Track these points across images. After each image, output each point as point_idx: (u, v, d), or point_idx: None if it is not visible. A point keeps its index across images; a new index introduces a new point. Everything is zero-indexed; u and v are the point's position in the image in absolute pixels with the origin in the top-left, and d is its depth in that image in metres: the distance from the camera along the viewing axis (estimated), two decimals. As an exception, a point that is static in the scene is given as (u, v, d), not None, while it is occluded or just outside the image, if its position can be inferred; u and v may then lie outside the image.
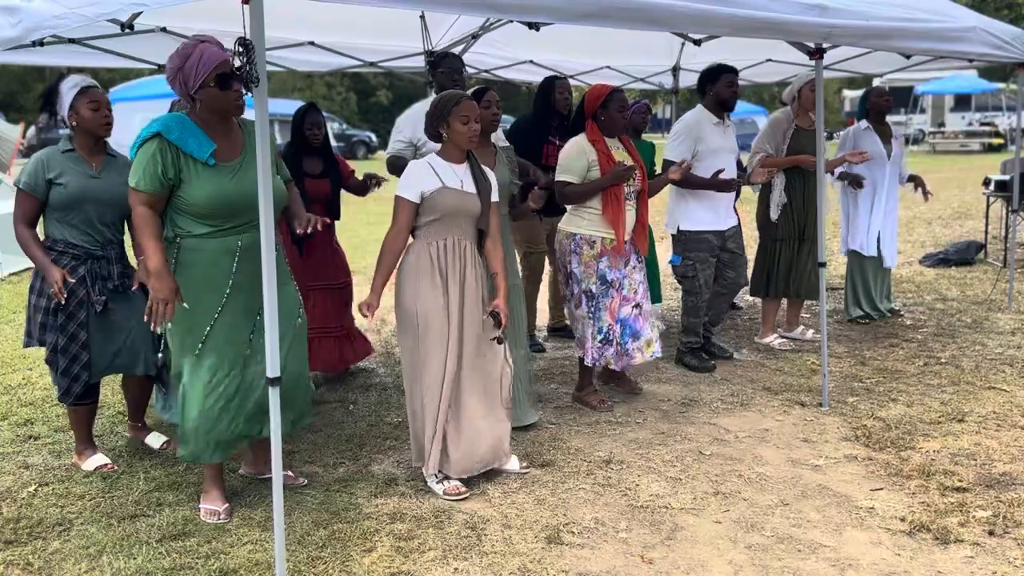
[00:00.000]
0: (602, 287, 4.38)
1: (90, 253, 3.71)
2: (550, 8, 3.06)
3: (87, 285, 3.68)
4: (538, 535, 3.19)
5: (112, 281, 3.75)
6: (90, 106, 3.65)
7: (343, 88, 41.25)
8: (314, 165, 4.84)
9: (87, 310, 3.69)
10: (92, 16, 2.91)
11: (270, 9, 2.62)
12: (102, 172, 3.74)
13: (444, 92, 3.64)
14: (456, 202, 3.53)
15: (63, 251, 3.69)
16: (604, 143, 4.37)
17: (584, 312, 4.43)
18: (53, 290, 3.56)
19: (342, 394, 4.91)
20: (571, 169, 4.36)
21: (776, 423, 4.32)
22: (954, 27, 4.89)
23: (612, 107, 4.35)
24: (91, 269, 3.70)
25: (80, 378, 3.72)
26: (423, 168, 3.55)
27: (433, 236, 3.57)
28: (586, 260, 4.39)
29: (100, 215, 3.72)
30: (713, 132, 5.08)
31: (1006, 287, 6.87)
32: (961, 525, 3.19)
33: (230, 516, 3.36)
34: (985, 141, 26.60)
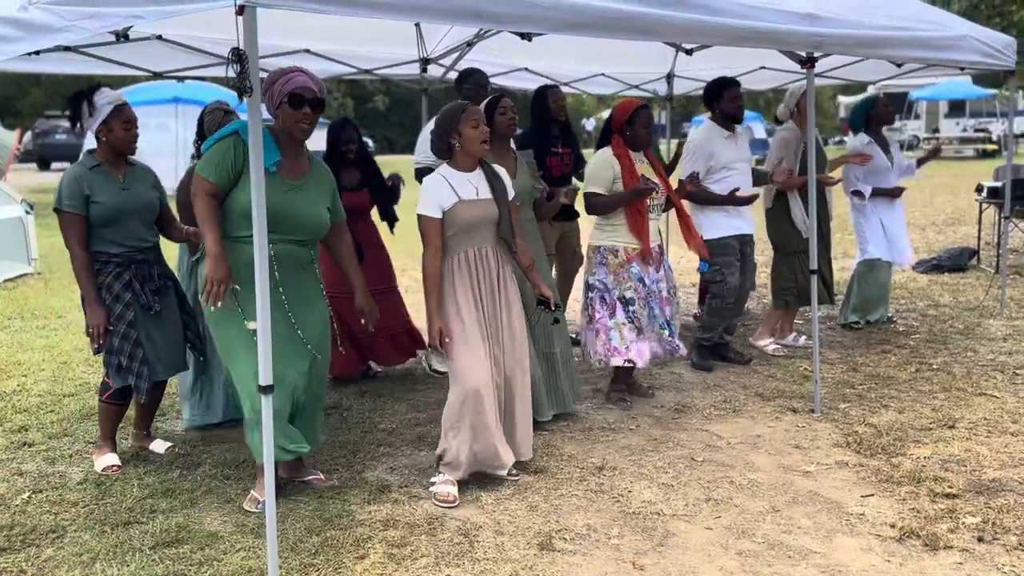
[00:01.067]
0: (643, 289, 4.51)
1: (131, 259, 3.82)
2: (541, 19, 3.09)
3: (133, 289, 3.79)
4: (530, 542, 3.20)
5: (154, 282, 3.88)
6: (124, 126, 3.76)
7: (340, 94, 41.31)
8: (351, 178, 4.96)
9: (135, 311, 3.79)
10: (94, 29, 2.93)
11: (265, 17, 2.64)
12: (129, 183, 3.83)
13: (446, 106, 3.67)
14: (474, 213, 3.58)
15: (106, 261, 3.78)
16: (629, 157, 4.50)
17: (622, 319, 4.49)
18: (93, 332, 3.70)
19: (337, 400, 4.92)
20: (598, 180, 4.50)
21: (768, 429, 4.35)
22: (945, 35, 4.94)
23: (637, 123, 4.50)
24: (136, 273, 3.82)
25: (143, 374, 3.81)
26: (439, 183, 3.58)
27: (456, 249, 3.62)
28: (614, 268, 4.51)
29: (134, 225, 3.82)
30: (725, 146, 5.17)
31: (998, 293, 6.91)
32: (951, 531, 3.21)
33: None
34: (979, 147, 26.71)
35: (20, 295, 8.13)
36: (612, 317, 4.51)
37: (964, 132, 28.09)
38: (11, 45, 3.21)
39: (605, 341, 4.52)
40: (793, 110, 5.65)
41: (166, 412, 4.79)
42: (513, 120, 4.22)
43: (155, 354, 3.84)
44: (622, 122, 4.52)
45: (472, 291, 3.61)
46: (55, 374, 5.53)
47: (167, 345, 3.89)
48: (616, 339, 4.50)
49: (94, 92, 3.76)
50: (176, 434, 4.45)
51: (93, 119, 3.73)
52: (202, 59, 5.66)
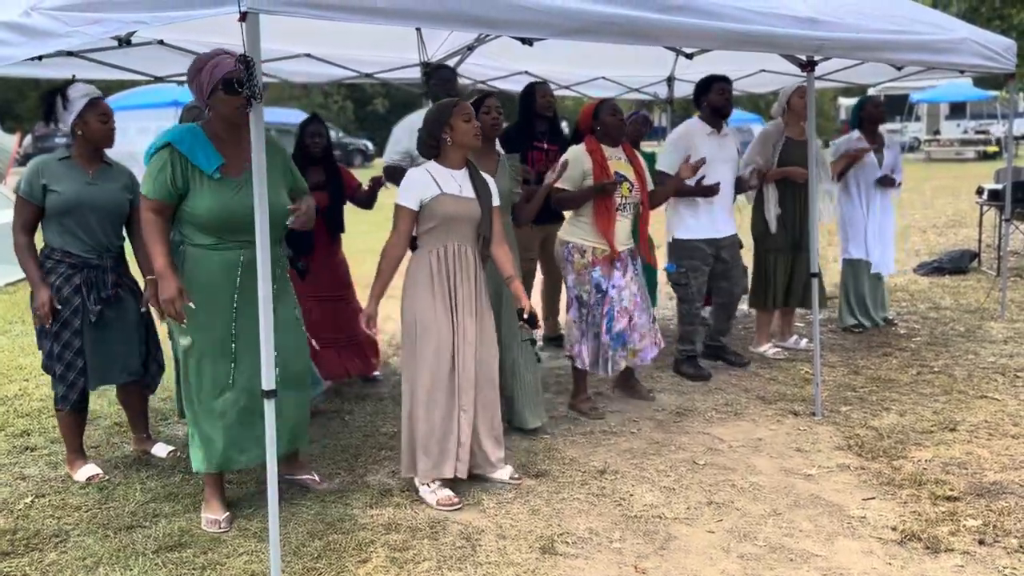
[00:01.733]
0: (597, 295, 4.43)
1: (86, 262, 3.74)
2: (542, 24, 3.10)
3: (82, 294, 3.72)
4: (532, 545, 3.21)
5: (106, 290, 3.79)
6: (100, 118, 3.72)
7: (340, 97, 41.33)
8: (316, 175, 4.85)
9: (82, 318, 3.72)
10: (97, 35, 2.94)
11: (266, 22, 2.65)
12: (98, 179, 3.78)
13: (437, 102, 3.67)
14: (455, 207, 3.56)
15: (60, 260, 3.72)
16: (601, 153, 4.42)
17: (574, 317, 4.49)
18: (39, 311, 3.63)
19: (338, 405, 4.93)
20: (566, 176, 4.41)
21: (769, 432, 4.35)
22: (945, 39, 4.95)
23: (603, 114, 4.44)
24: (87, 278, 3.74)
25: (77, 385, 3.75)
26: (422, 175, 3.57)
27: (434, 243, 3.59)
28: (578, 268, 4.45)
29: (97, 221, 3.75)
30: (706, 142, 5.12)
31: (999, 296, 6.91)
32: (952, 534, 3.22)
33: (230, 525, 3.38)
34: (980, 149, 26.72)
35: (21, 299, 8.14)
36: (567, 312, 4.53)
37: (965, 134, 28.11)
38: (13, 50, 3.23)
39: (569, 337, 4.54)
40: (784, 107, 5.66)
41: (168, 416, 4.80)
42: (497, 120, 4.16)
43: (95, 364, 3.76)
44: (589, 120, 4.46)
45: (447, 287, 3.58)
46: (57, 378, 5.53)
47: (109, 355, 3.80)
48: (568, 335, 4.53)
49: (67, 87, 3.72)
50: (178, 438, 4.45)
51: (68, 113, 3.69)
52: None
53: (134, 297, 3.91)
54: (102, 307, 3.76)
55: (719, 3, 3.64)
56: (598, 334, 4.47)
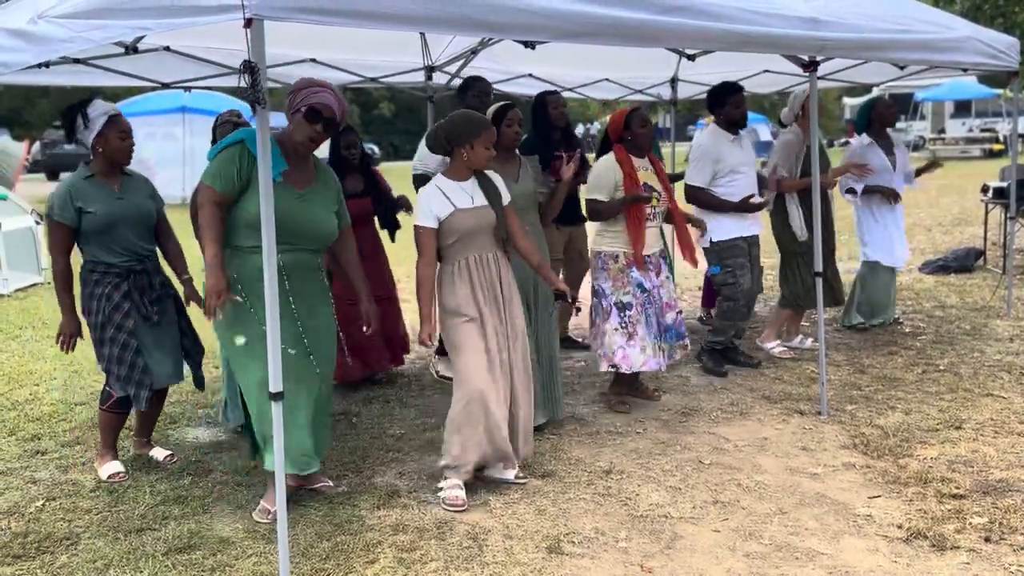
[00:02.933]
0: (643, 295, 4.52)
1: (130, 269, 3.85)
2: (544, 28, 3.12)
3: (132, 299, 3.83)
4: (539, 545, 3.23)
5: (155, 291, 3.91)
6: (120, 135, 3.80)
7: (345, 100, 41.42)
8: (354, 184, 5.02)
9: (135, 320, 3.82)
10: (99, 40, 2.97)
11: (271, 28, 2.68)
12: (125, 193, 3.86)
13: (468, 112, 3.69)
14: (471, 221, 3.62)
15: (105, 272, 3.82)
16: (631, 163, 4.52)
17: (615, 325, 4.52)
18: (62, 338, 3.79)
19: (346, 407, 4.96)
20: (599, 187, 4.53)
21: (775, 432, 4.36)
22: (947, 37, 4.96)
23: (634, 125, 4.53)
24: (134, 283, 3.85)
25: (144, 383, 3.84)
26: (433, 193, 3.63)
27: (456, 256, 3.66)
28: (614, 274, 4.53)
29: (131, 233, 3.84)
30: (730, 150, 5.20)
31: (1004, 294, 6.90)
32: (958, 532, 3.22)
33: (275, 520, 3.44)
34: (986, 147, 26.64)
35: (31, 305, 8.20)
36: (606, 322, 4.54)
37: (970, 132, 28.01)
38: (17, 56, 3.26)
39: (600, 345, 4.56)
40: (798, 113, 5.67)
41: (177, 420, 4.83)
42: (519, 133, 4.26)
43: (154, 363, 3.87)
44: (620, 130, 4.56)
45: (474, 296, 3.64)
46: (67, 383, 5.58)
47: (166, 354, 3.92)
48: (608, 344, 4.54)
49: (87, 104, 3.79)
50: (187, 441, 4.49)
51: (89, 131, 3.77)
52: (210, 69, 5.71)
53: (173, 301, 4.03)
54: (153, 307, 3.87)
55: (720, 4, 3.66)
56: (651, 331, 4.55)
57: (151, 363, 3.86)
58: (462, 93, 5.19)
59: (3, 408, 5.09)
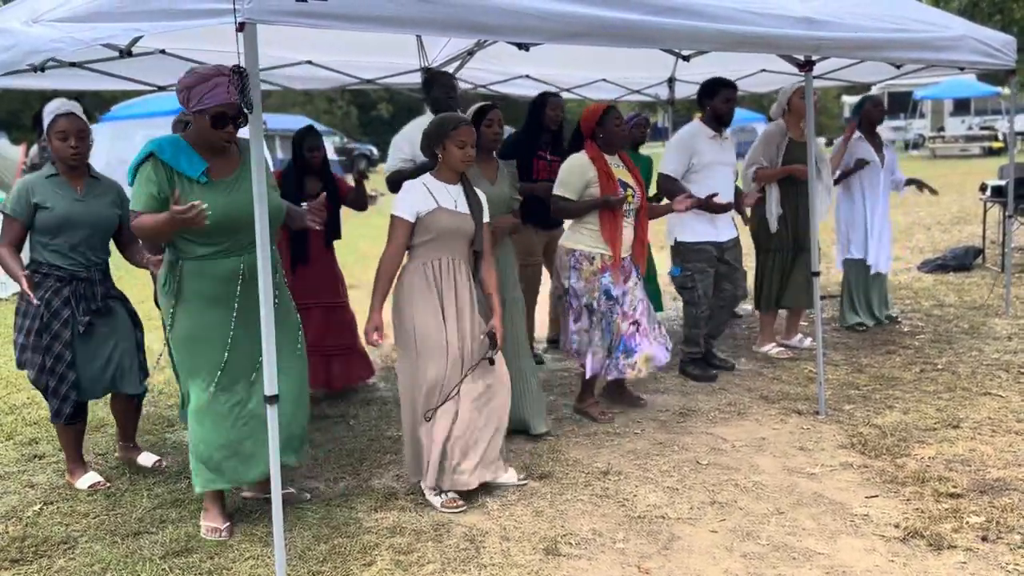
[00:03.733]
0: (608, 302, 4.41)
1: (74, 275, 3.75)
2: (538, 29, 3.12)
3: (71, 306, 3.73)
4: (536, 547, 3.23)
5: (96, 302, 3.79)
6: (57, 136, 3.68)
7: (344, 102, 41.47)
8: (313, 185, 4.94)
9: (72, 330, 3.73)
10: (88, 41, 2.97)
11: (268, 30, 2.68)
12: (86, 195, 3.77)
13: (444, 114, 3.69)
14: (451, 222, 3.59)
15: (47, 273, 3.73)
16: (604, 161, 4.40)
17: (584, 326, 4.46)
18: (27, 295, 3.57)
19: (343, 409, 4.96)
20: (568, 184, 4.40)
21: (773, 432, 4.36)
22: (944, 36, 4.95)
23: (609, 123, 4.39)
24: (75, 290, 3.75)
25: (69, 397, 3.75)
26: (418, 188, 3.61)
27: (428, 255, 3.62)
28: (586, 276, 4.41)
29: (85, 238, 3.75)
30: (708, 146, 5.13)
31: (1003, 292, 6.90)
32: (955, 531, 3.22)
33: (231, 533, 3.40)
34: (985, 145, 26.64)
35: (29, 308, 8.19)
36: (576, 322, 4.47)
37: (969, 130, 28.02)
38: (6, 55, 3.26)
39: (569, 343, 4.51)
40: (785, 107, 5.67)
41: (175, 423, 4.83)
42: (498, 134, 4.18)
43: (90, 374, 3.78)
44: (593, 125, 4.41)
45: (439, 300, 3.60)
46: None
47: (103, 364, 3.80)
48: (576, 343, 4.49)
49: (47, 104, 3.74)
50: (184, 444, 4.49)
51: (44, 131, 3.72)
52: (206, 72, 5.70)
53: (124, 307, 3.92)
54: (91, 318, 3.77)
55: (715, 4, 3.66)
56: (611, 340, 4.45)
57: (82, 376, 3.75)
58: (427, 88, 5.09)
59: (1, 412, 5.09)
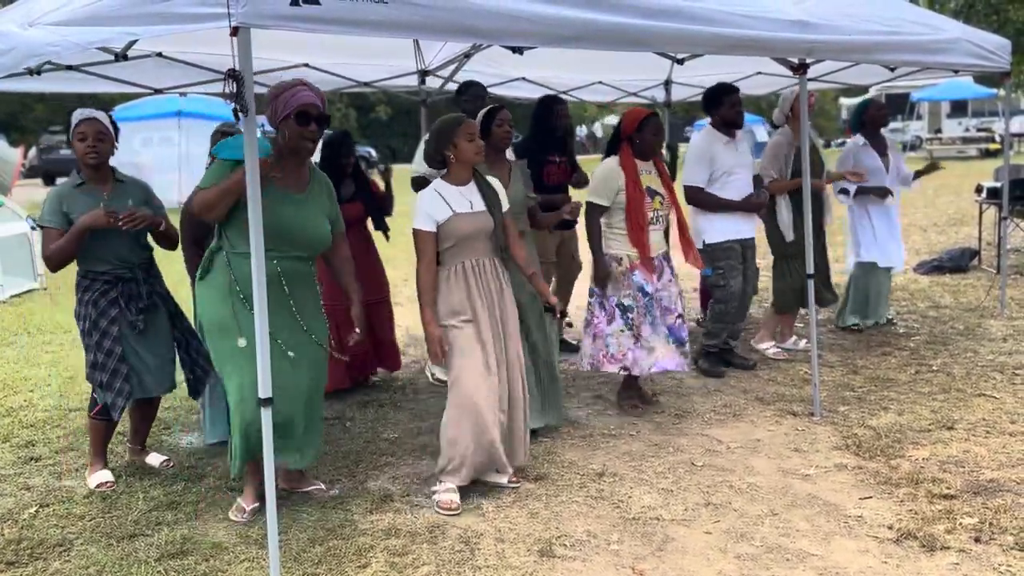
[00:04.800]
0: (644, 298, 4.51)
1: (119, 277, 3.83)
2: (533, 33, 3.14)
3: (120, 305, 3.81)
4: (531, 548, 3.24)
5: (143, 301, 3.88)
6: (77, 137, 3.78)
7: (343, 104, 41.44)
8: (345, 189, 5.06)
9: (120, 328, 3.81)
10: (85, 44, 2.98)
11: (264, 34, 2.69)
12: (113, 199, 3.83)
13: (441, 118, 3.72)
14: (469, 226, 3.62)
15: (94, 278, 3.81)
16: (634, 168, 4.50)
17: (619, 326, 4.52)
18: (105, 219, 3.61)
19: (339, 411, 4.97)
20: (600, 192, 4.53)
21: (768, 433, 4.37)
22: (938, 39, 4.97)
23: (647, 131, 4.50)
24: (123, 291, 3.83)
25: (123, 391, 3.82)
26: (432, 197, 3.63)
27: (453, 261, 3.66)
28: (616, 276, 4.51)
29: (120, 239, 3.81)
30: (725, 151, 5.20)
31: (999, 294, 6.92)
32: (948, 532, 3.23)
33: (253, 517, 3.51)
34: (982, 147, 26.68)
35: (26, 310, 8.21)
36: (610, 324, 4.54)
37: (967, 132, 28.07)
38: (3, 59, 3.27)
39: (602, 347, 4.56)
40: (788, 114, 5.69)
41: (171, 426, 4.84)
42: (509, 133, 4.29)
43: (138, 372, 3.84)
44: (632, 130, 4.52)
45: (470, 301, 3.65)
46: (61, 389, 5.59)
47: (152, 363, 3.88)
48: (613, 346, 4.54)
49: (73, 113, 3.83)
50: (180, 447, 4.49)
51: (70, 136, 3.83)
52: (202, 75, 5.72)
53: (166, 307, 4.01)
54: (143, 316, 3.85)
55: (708, 8, 3.67)
56: (659, 332, 4.56)
57: (134, 372, 3.83)
58: (457, 97, 5.24)
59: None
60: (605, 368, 4.58)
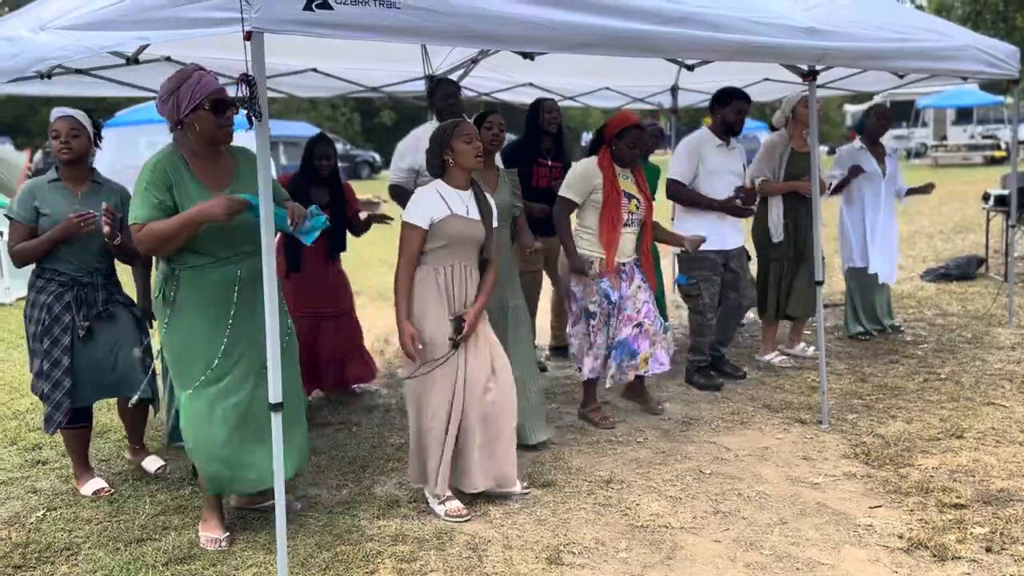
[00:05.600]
0: (608, 306, 4.46)
1: (77, 280, 3.77)
2: (545, 39, 3.13)
3: (72, 311, 3.74)
4: (539, 556, 3.22)
5: (97, 307, 3.80)
6: (52, 134, 3.75)
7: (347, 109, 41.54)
8: (320, 196, 4.89)
9: (72, 335, 3.74)
10: (96, 48, 2.98)
11: (272, 38, 2.69)
12: (85, 200, 3.79)
13: (441, 123, 3.70)
14: (463, 229, 3.60)
15: (50, 278, 3.76)
16: (612, 170, 4.46)
17: (582, 329, 4.51)
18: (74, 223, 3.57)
19: (345, 416, 4.96)
20: (574, 188, 4.47)
21: (776, 441, 4.35)
22: (947, 46, 4.96)
23: (624, 141, 4.46)
24: (77, 295, 3.76)
25: (62, 405, 3.74)
26: (431, 195, 3.61)
27: (440, 262, 3.63)
28: (585, 280, 4.45)
29: (85, 241, 3.75)
30: (715, 153, 5.16)
31: (1006, 302, 6.90)
32: (959, 542, 3.21)
33: (231, 543, 3.39)
34: (987, 154, 26.64)
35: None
36: (574, 326, 4.55)
37: (972, 139, 28.03)
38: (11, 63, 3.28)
39: (578, 348, 4.56)
40: (788, 116, 5.69)
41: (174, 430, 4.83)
42: (498, 136, 4.22)
43: (85, 380, 3.77)
44: (613, 135, 4.48)
45: (449, 306, 3.61)
46: (68, 392, 5.58)
47: (101, 369, 3.79)
48: (575, 347, 4.55)
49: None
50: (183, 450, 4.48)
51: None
52: (211, 79, 5.72)
53: (128, 312, 3.91)
54: (91, 323, 3.77)
55: (720, 14, 3.67)
56: (609, 344, 4.50)
57: (79, 382, 3.75)
58: (430, 96, 5.13)
59: (5, 417, 5.10)
60: (577, 370, 4.59)
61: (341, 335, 5.12)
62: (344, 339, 5.14)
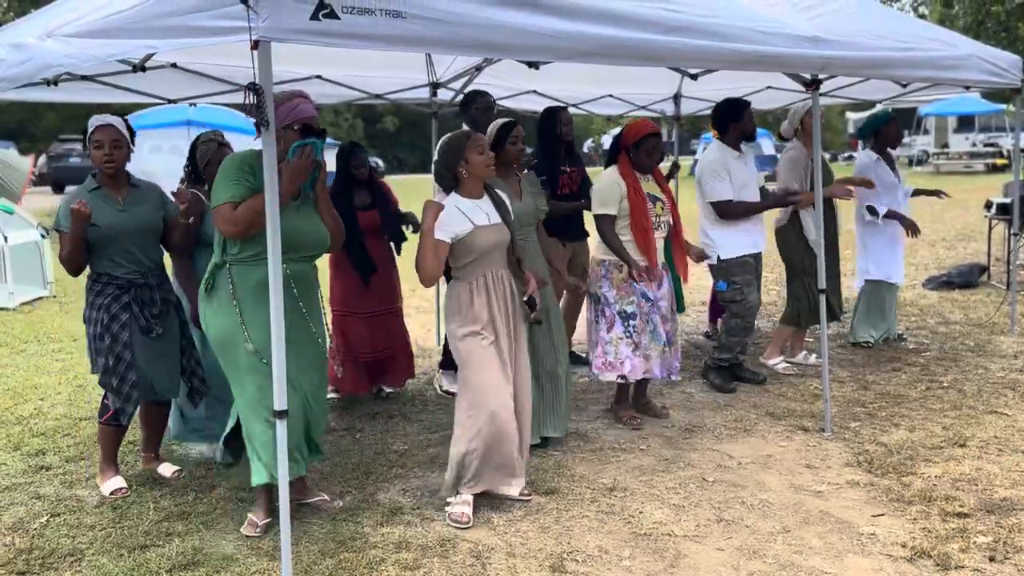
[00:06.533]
0: (647, 304, 4.55)
1: (132, 282, 3.86)
2: (550, 49, 3.15)
3: (132, 311, 3.84)
4: (542, 563, 3.23)
5: (156, 306, 3.91)
6: (93, 145, 3.83)
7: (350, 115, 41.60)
8: (363, 198, 5.12)
9: (130, 332, 3.83)
10: (103, 56, 3.00)
11: (277, 45, 2.70)
12: (128, 205, 3.88)
13: (448, 136, 3.75)
14: (490, 238, 3.65)
15: (107, 283, 3.84)
16: (634, 177, 4.55)
17: (619, 333, 4.55)
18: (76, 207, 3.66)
19: (349, 422, 4.96)
20: (608, 202, 4.55)
21: (779, 449, 4.36)
22: (950, 55, 4.98)
23: (642, 150, 4.54)
24: (135, 296, 3.86)
25: (132, 397, 3.84)
26: (452, 211, 3.63)
27: (472, 275, 3.67)
28: (617, 283, 4.54)
29: (134, 244, 3.85)
30: (738, 166, 5.24)
31: (1009, 310, 6.90)
32: (962, 551, 3.21)
33: (266, 532, 3.49)
34: (989, 162, 26.64)
35: (37, 318, 8.23)
36: (609, 331, 4.57)
37: (974, 147, 28.03)
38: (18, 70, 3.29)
39: (601, 355, 4.58)
40: (797, 128, 5.70)
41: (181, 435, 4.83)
42: (523, 150, 4.35)
43: (147, 378, 3.87)
44: (631, 143, 4.56)
45: (490, 313, 3.66)
46: (71, 397, 5.59)
47: (161, 368, 3.92)
48: (612, 354, 4.57)
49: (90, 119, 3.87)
50: (190, 458, 4.49)
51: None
52: (215, 86, 5.75)
53: (177, 314, 4.04)
54: (154, 322, 3.88)
55: (724, 24, 3.69)
56: (658, 339, 4.60)
57: (143, 378, 3.86)
58: (465, 108, 5.23)
59: (8, 423, 5.10)
60: (604, 377, 4.61)
61: (395, 332, 5.30)
62: (396, 336, 5.32)
